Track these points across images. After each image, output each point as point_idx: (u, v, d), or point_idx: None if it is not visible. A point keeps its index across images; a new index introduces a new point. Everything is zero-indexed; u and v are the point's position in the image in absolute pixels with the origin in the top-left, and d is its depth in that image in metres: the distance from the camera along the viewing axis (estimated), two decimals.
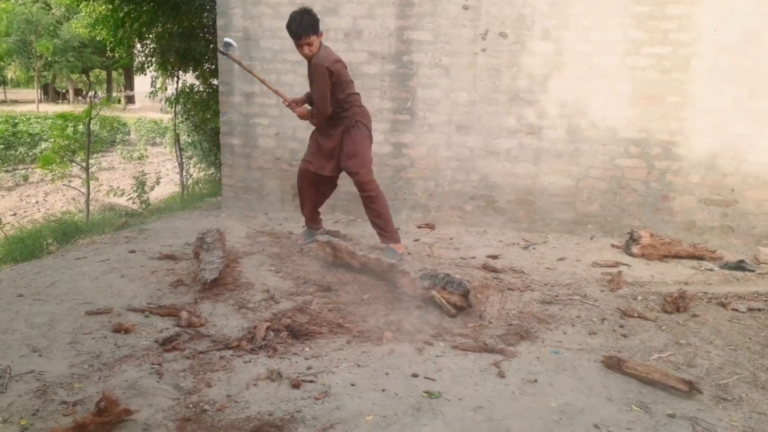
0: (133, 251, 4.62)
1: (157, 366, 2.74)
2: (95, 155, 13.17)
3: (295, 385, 2.56)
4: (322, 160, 4.66)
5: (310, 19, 4.17)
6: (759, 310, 3.57)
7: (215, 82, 8.21)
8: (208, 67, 9.19)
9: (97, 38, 11.07)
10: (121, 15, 8.96)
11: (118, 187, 9.71)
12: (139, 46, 9.93)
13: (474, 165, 5.79)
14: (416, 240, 5.24)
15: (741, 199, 5.23)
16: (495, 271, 4.30)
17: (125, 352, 2.88)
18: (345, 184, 5.90)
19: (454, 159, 5.83)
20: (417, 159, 5.92)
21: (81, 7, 10.43)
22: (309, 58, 4.32)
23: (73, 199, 10.66)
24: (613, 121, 5.41)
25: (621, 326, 3.30)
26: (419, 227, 5.76)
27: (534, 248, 5.04)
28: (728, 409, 2.45)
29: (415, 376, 2.67)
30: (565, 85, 5.47)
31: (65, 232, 6.26)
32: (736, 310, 3.56)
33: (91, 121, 8.50)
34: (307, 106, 4.67)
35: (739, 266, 4.54)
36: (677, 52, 5.23)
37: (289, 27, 4.19)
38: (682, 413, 2.40)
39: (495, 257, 4.71)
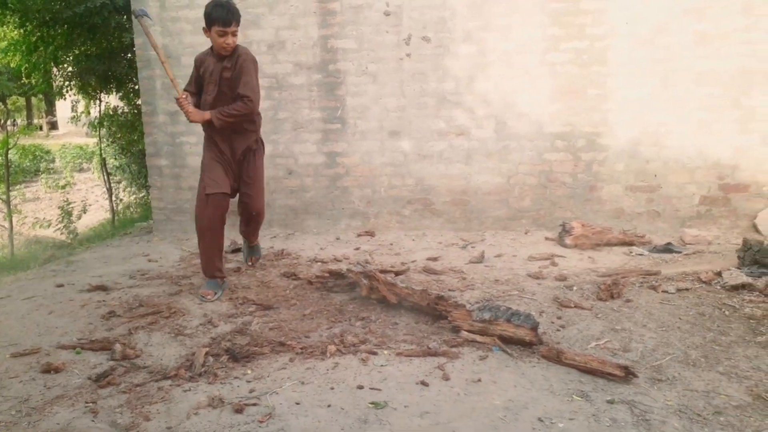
0: (60, 285, 4.42)
1: (91, 404, 2.61)
2: (17, 186, 12.58)
3: (238, 410, 2.49)
4: (227, 181, 4.08)
5: (236, 8, 3.84)
6: (687, 289, 3.71)
7: (139, 102, 7.98)
8: (131, 88, 8.93)
9: (11, 64, 10.58)
10: (34, 39, 8.60)
11: (44, 219, 9.29)
12: (55, 70, 9.55)
13: (409, 169, 5.82)
14: (356, 248, 5.22)
15: (664, 184, 5.46)
16: (435, 273, 4.32)
17: (56, 393, 2.74)
18: (280, 197, 5.85)
19: (389, 165, 5.84)
20: (352, 167, 5.91)
21: None
22: (229, 51, 3.90)
23: None
24: (538, 117, 5.55)
25: (559, 317, 3.37)
26: (359, 235, 5.75)
27: (472, 247, 5.10)
28: (663, 390, 2.53)
29: (360, 387, 2.64)
30: (490, 84, 5.58)
31: None
32: (666, 291, 3.69)
33: (10, 150, 8.10)
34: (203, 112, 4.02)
35: (667, 249, 4.73)
36: (594, 45, 5.41)
37: (213, 13, 3.75)
38: (620, 398, 2.46)
39: (435, 259, 4.74)
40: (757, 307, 3.36)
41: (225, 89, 3.97)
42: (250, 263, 4.68)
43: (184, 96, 3.94)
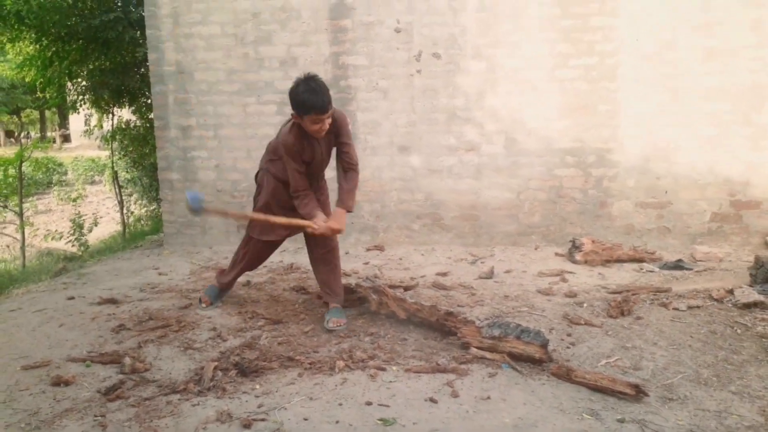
0: (71, 298, 4.45)
1: (100, 417, 2.62)
2: (30, 198, 12.71)
3: (246, 425, 2.49)
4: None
5: (327, 88, 3.46)
6: (698, 307, 3.68)
7: (151, 116, 8.07)
8: (144, 102, 9.02)
9: (26, 79, 10.74)
10: (49, 54, 8.73)
11: (56, 231, 9.35)
12: (70, 84, 9.68)
13: (418, 184, 5.84)
14: (366, 263, 5.22)
15: (675, 200, 5.43)
16: (445, 288, 4.32)
17: (66, 406, 2.75)
18: None
19: (399, 179, 5.86)
20: (362, 182, 5.92)
21: (7, 48, 10.10)
22: (319, 137, 3.59)
23: (8, 247, 10.21)
24: (547, 133, 5.56)
25: (569, 335, 3.35)
26: (368, 249, 5.75)
27: (482, 263, 5.09)
28: (674, 409, 2.51)
29: (369, 404, 2.64)
30: (500, 100, 5.60)
31: None
32: (677, 309, 3.66)
33: (24, 163, 8.19)
34: (337, 213, 3.68)
35: (678, 265, 4.70)
36: (603, 62, 5.42)
37: (308, 101, 3.35)
38: (630, 417, 2.44)
39: (444, 275, 4.73)
40: None
41: (323, 162, 3.78)
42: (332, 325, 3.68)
43: (321, 221, 3.58)
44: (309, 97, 3.35)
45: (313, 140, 3.62)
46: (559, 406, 2.55)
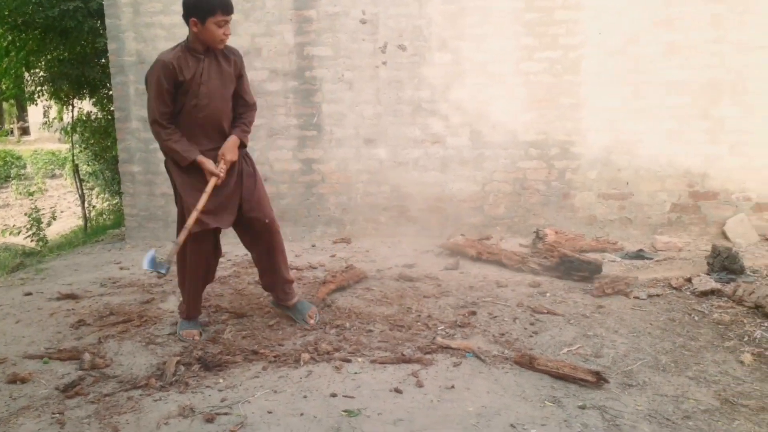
0: (29, 293, 4.33)
1: (58, 415, 2.56)
2: None
3: (209, 420, 2.46)
4: (224, 209, 3.28)
5: None
6: (658, 295, 3.77)
7: (113, 108, 7.89)
8: (105, 93, 8.81)
9: None
10: (5, 44, 8.46)
11: (14, 226, 9.10)
12: (27, 75, 9.39)
13: (385, 176, 5.83)
14: (332, 256, 5.20)
15: (636, 192, 5.54)
16: (411, 279, 4.33)
17: (22, 404, 2.68)
18: None
19: (365, 172, 5.85)
20: (328, 174, 5.90)
21: None
22: (222, 46, 3.18)
23: None
24: (512, 126, 5.61)
25: (532, 324, 3.39)
26: (335, 242, 5.73)
27: (447, 254, 5.11)
28: (633, 395, 2.56)
29: (333, 395, 2.63)
30: (465, 93, 5.62)
31: None
32: (638, 297, 3.74)
33: None
34: (229, 142, 3.25)
35: (639, 255, 4.80)
36: (567, 55, 5.48)
37: (209, 0, 2.99)
38: (591, 403, 2.48)
39: (410, 266, 4.75)
40: (726, 312, 3.42)
41: (223, 94, 3.24)
42: (312, 321, 3.47)
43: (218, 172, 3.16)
44: None
45: (200, 61, 3.12)
46: (521, 394, 2.58)
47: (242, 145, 3.33)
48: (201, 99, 3.15)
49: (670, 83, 5.40)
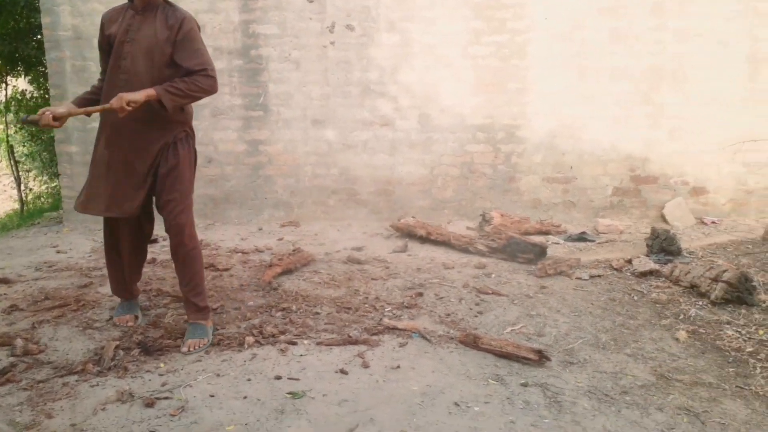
0: None
1: None
2: None
3: (149, 404, 2.39)
4: (122, 193, 2.95)
5: None
6: (599, 276, 3.87)
7: (49, 85, 7.56)
8: (41, 71, 8.43)
9: None
10: None
11: None
12: None
13: (334, 159, 5.78)
14: (280, 239, 5.14)
15: (579, 176, 5.66)
16: (359, 263, 4.31)
17: None
18: (199, 186, 5.67)
19: (313, 154, 5.78)
20: (275, 156, 5.80)
21: None
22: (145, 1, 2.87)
23: None
24: (460, 109, 5.63)
25: (477, 304, 3.43)
26: (283, 225, 5.66)
27: (396, 237, 5.12)
28: (574, 372, 2.62)
29: (278, 378, 2.59)
30: (414, 76, 5.61)
31: None
32: (580, 278, 3.83)
33: None
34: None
35: (582, 237, 4.91)
36: (514, 39, 5.53)
37: None
38: (533, 381, 2.53)
39: (359, 249, 4.73)
40: (663, 292, 3.54)
41: (151, 58, 2.85)
42: (185, 349, 2.89)
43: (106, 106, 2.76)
44: None
45: (133, 18, 2.89)
46: (466, 373, 2.61)
47: (162, 106, 2.78)
48: (123, 59, 2.86)
49: (613, 69, 5.52)
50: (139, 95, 2.70)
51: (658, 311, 3.31)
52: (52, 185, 9.65)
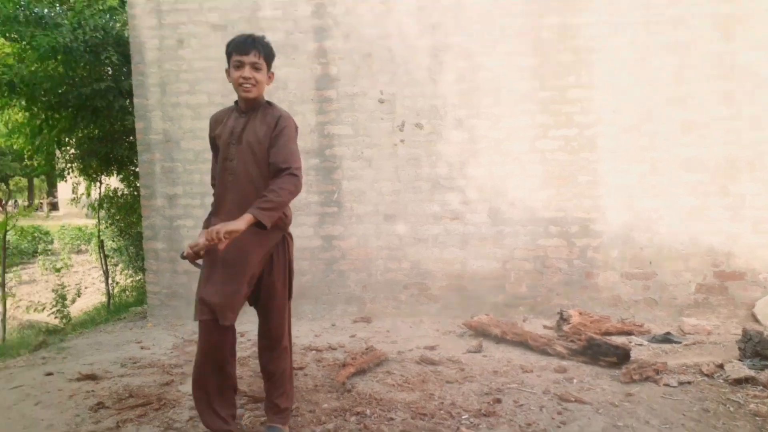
0: (50, 374, 4.32)
1: None
2: (14, 268, 12.52)
3: None
4: (235, 299, 2.85)
5: (267, 44, 2.93)
6: (689, 383, 3.64)
7: (139, 185, 8.09)
8: (131, 170, 9.05)
9: (14, 146, 10.77)
10: (39, 122, 8.79)
11: (38, 302, 9.19)
12: (58, 152, 9.71)
13: (405, 253, 5.84)
14: (353, 336, 5.15)
15: (660, 271, 5.46)
16: (433, 363, 4.24)
17: None
18: None
19: (385, 248, 5.86)
20: (348, 250, 5.92)
21: None
22: (251, 92, 2.88)
23: None
24: (530, 203, 5.63)
25: (559, 413, 3.28)
26: (355, 321, 5.69)
27: (470, 335, 5.03)
28: None
29: None
30: (483, 170, 5.69)
31: None
32: (668, 385, 3.61)
33: (9, 232, 8.11)
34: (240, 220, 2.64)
35: (666, 338, 4.67)
36: (582, 133, 5.56)
37: (230, 43, 2.89)
38: None
39: (432, 348, 4.67)
40: (762, 403, 3.29)
41: (255, 156, 2.88)
42: None
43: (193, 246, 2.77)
44: (231, 40, 2.91)
45: (239, 119, 2.94)
46: None
47: (260, 226, 2.70)
48: (229, 160, 2.91)
49: (687, 160, 5.42)
50: (238, 225, 2.61)
51: (759, 425, 3.06)
52: (137, 279, 10.12)
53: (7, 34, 8.05)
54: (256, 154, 2.87)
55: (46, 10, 7.93)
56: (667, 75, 5.45)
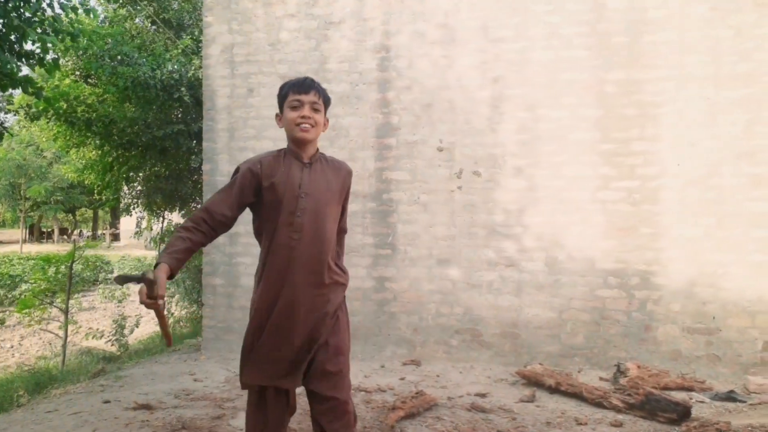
0: (107, 401, 4.45)
1: None
2: (76, 295, 13.00)
3: None
4: (288, 365, 2.60)
5: (324, 89, 2.66)
6: None
7: None
8: (194, 207, 9.39)
9: (86, 182, 11.35)
10: (110, 160, 9.28)
11: (97, 329, 9.50)
12: (126, 188, 10.19)
13: (457, 298, 5.81)
14: (402, 378, 5.12)
15: (723, 327, 5.24)
16: (484, 411, 4.17)
17: None
18: None
19: (437, 292, 5.85)
20: (400, 293, 5.93)
21: (71, 152, 10.81)
22: (309, 134, 2.56)
23: (50, 343, 10.37)
24: (590, 253, 5.53)
25: None
26: (404, 364, 5.65)
27: (522, 384, 4.93)
28: None
29: None
30: (541, 218, 5.65)
31: (38, 382, 6.04)
32: None
33: (74, 262, 8.49)
34: None
35: (730, 397, 4.46)
36: (645, 185, 5.47)
37: (285, 85, 2.61)
38: None
39: (483, 395, 4.59)
40: None
41: (326, 212, 2.60)
42: None
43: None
44: (287, 83, 2.62)
45: (303, 168, 2.58)
46: None
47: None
48: (297, 216, 2.51)
49: (756, 215, 5.24)
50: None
51: None
52: (191, 310, 10.36)
53: (91, 74, 8.60)
54: (328, 209, 2.59)
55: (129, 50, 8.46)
56: (736, 129, 5.33)
